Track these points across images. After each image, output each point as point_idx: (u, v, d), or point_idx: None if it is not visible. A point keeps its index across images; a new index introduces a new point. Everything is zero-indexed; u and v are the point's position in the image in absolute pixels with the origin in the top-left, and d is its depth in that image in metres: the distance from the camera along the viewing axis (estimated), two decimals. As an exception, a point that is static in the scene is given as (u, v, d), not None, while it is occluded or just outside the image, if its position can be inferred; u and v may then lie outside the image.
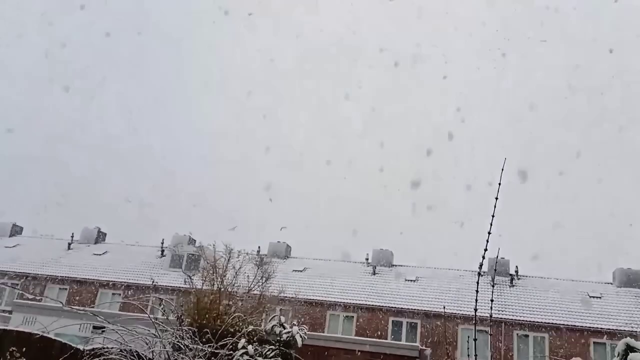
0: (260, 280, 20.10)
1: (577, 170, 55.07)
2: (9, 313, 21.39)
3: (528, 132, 51.42)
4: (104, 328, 9.15)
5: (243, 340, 8.76)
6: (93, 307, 23.29)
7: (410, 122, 60.90)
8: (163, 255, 30.56)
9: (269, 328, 9.47)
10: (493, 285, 21.37)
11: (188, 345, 8.48)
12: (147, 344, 8.45)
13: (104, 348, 8.46)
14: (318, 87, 62.87)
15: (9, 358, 7.11)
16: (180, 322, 9.00)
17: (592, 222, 41.05)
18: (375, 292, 26.69)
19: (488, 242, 3.20)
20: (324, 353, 11.39)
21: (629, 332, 18.90)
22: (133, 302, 20.03)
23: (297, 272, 28.70)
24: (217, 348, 8.69)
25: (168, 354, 8.42)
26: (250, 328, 9.44)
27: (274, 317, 10.43)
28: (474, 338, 3.79)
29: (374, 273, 28.69)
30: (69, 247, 32.39)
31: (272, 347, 9.10)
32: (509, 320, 23.99)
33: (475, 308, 3.53)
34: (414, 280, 27.70)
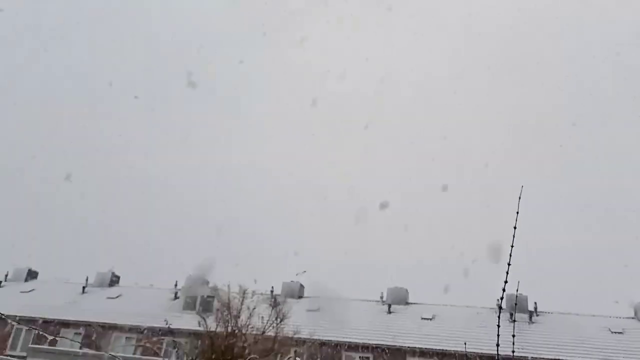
0: (275, 321, 19.96)
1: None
2: (24, 359, 21.29)
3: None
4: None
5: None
6: (108, 352, 23.11)
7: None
8: (177, 298, 30.41)
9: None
10: (514, 321, 20.99)
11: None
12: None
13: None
14: (334, 124, 63.46)
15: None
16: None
17: (609, 254, 40.33)
18: (392, 331, 26.21)
19: (508, 273, 3.18)
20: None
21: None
22: (147, 345, 19.90)
23: (311, 312, 28.35)
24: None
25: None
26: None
27: (289, 358, 10.33)
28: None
29: (390, 312, 28.26)
30: (84, 290, 32.42)
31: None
32: (530, 359, 23.35)
33: (498, 343, 3.47)
34: (431, 319, 27.21)
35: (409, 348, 24.81)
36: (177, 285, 31.39)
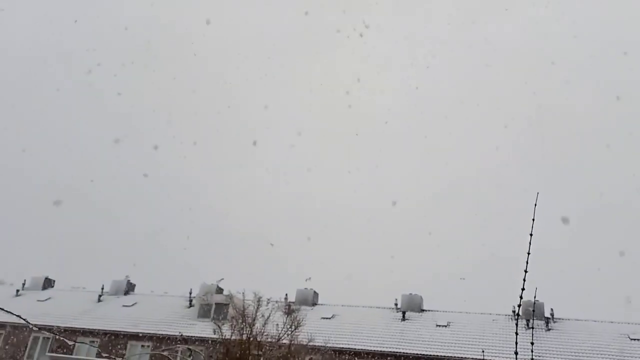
0: (289, 329, 19.94)
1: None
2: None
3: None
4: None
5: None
6: (124, 359, 23.24)
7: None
8: (191, 305, 30.52)
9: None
10: (532, 328, 20.73)
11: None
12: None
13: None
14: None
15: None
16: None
17: (627, 259, 39.75)
18: (406, 338, 26.05)
19: (525, 281, 3.17)
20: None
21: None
22: (162, 353, 19.97)
23: (325, 319, 28.28)
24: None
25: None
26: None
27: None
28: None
29: (404, 319, 28.10)
30: (99, 299, 32.67)
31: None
32: (548, 366, 23.05)
33: (516, 351, 3.46)
34: (446, 326, 27.00)
35: (424, 355, 24.64)
36: (191, 293, 31.52)
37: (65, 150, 63.84)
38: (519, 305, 3.43)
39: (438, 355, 24.46)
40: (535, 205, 3.32)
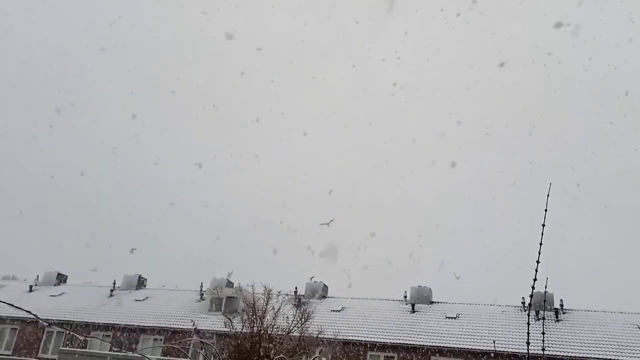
0: (300, 322, 20.08)
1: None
2: (55, 361, 21.78)
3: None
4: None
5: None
6: (136, 353, 23.49)
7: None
8: (202, 299, 30.76)
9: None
10: (543, 319, 20.60)
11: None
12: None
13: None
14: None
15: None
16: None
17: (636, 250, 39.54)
18: (416, 330, 26.14)
19: (537, 271, 3.18)
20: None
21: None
22: (175, 346, 20.18)
23: (335, 312, 28.42)
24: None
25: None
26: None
27: (315, 358, 10.41)
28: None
29: (413, 311, 28.17)
30: (111, 294, 32.99)
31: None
32: (559, 357, 23.07)
33: (528, 341, 3.50)
34: (455, 317, 27.05)
35: (434, 347, 24.73)
36: (202, 287, 31.76)
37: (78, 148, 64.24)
38: (531, 296, 3.44)
39: (448, 347, 24.54)
40: (548, 197, 3.33)
